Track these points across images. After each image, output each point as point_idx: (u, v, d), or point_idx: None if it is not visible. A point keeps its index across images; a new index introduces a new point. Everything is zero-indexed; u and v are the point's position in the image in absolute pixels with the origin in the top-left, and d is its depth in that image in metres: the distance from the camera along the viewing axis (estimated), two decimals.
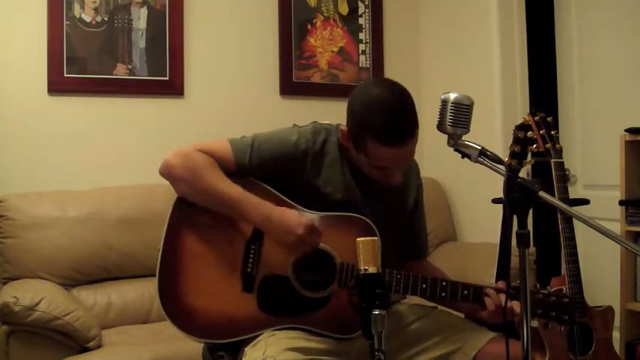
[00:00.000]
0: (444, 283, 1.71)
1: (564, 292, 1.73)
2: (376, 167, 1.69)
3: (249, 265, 1.70)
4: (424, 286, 1.71)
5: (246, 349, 1.68)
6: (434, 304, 1.88)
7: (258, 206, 1.67)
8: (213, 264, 1.71)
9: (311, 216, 1.71)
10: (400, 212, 1.89)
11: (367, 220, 1.73)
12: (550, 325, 1.87)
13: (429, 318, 1.83)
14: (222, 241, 1.71)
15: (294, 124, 1.82)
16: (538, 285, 1.72)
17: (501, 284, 1.71)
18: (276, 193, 1.74)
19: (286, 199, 1.74)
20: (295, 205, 1.74)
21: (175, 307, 1.69)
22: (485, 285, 1.73)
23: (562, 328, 1.94)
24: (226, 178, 1.69)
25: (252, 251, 1.71)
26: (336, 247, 1.71)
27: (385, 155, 1.64)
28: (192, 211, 1.72)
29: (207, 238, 1.72)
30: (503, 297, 1.64)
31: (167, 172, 1.72)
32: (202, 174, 1.68)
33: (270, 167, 1.73)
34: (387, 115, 1.60)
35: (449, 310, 1.86)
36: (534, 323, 1.86)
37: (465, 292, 1.71)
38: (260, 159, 1.72)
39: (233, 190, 1.67)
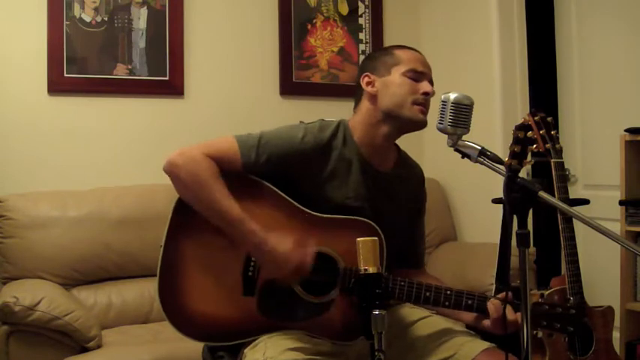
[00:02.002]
0: (448, 292, 1.70)
1: (566, 292, 1.72)
2: (408, 76, 1.76)
3: (251, 268, 1.70)
4: (428, 294, 1.70)
5: (245, 350, 1.68)
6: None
7: (252, 233, 1.66)
8: (214, 267, 1.70)
9: (306, 245, 1.68)
10: (403, 212, 1.88)
11: (372, 223, 1.72)
12: (554, 335, 1.87)
13: (426, 322, 1.82)
14: (223, 245, 1.70)
15: (301, 121, 1.82)
16: (545, 294, 1.71)
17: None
18: (280, 193, 1.73)
19: (290, 200, 1.73)
20: (300, 206, 1.73)
21: (176, 310, 1.68)
22: (490, 295, 1.72)
23: (566, 338, 1.94)
24: (228, 193, 1.68)
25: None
26: (339, 251, 1.70)
27: (411, 54, 1.81)
28: (193, 214, 1.71)
29: (209, 241, 1.71)
30: (508, 308, 1.63)
31: (171, 172, 1.70)
32: (205, 185, 1.67)
33: (276, 164, 1.72)
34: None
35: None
36: (539, 334, 1.86)
37: (469, 301, 1.69)
38: (267, 157, 1.72)
39: (231, 208, 1.66)
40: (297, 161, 1.73)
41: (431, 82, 1.79)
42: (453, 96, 1.53)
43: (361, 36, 3.75)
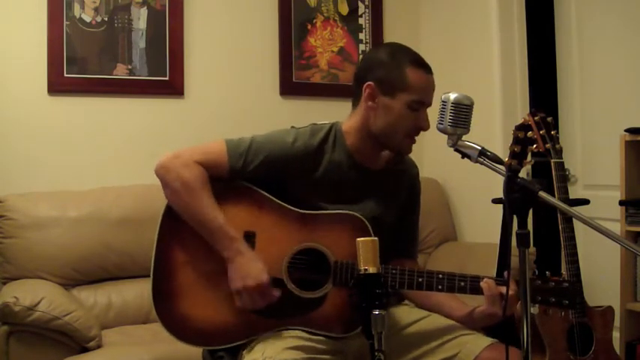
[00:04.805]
0: (440, 276, 1.71)
1: (563, 277, 1.72)
2: (411, 107, 1.72)
3: None
4: (420, 279, 1.70)
5: (244, 352, 1.68)
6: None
7: (230, 244, 1.67)
8: (207, 270, 1.71)
9: (269, 280, 1.67)
10: (398, 207, 1.89)
11: (361, 217, 1.73)
12: (550, 311, 1.87)
13: (427, 321, 1.82)
14: (213, 247, 1.71)
15: (292, 126, 1.83)
16: (536, 272, 1.71)
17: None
18: (270, 197, 1.74)
19: (280, 202, 1.74)
20: (290, 207, 1.73)
21: (171, 316, 1.69)
22: (482, 276, 1.72)
23: (563, 314, 1.94)
24: (214, 202, 1.69)
25: None
26: (329, 245, 1.71)
27: (422, 80, 1.73)
28: (183, 218, 1.72)
29: (199, 244, 1.71)
30: (501, 288, 1.64)
31: (161, 175, 1.73)
32: (191, 190, 1.68)
33: (266, 169, 1.74)
34: (412, 52, 1.78)
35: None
36: (534, 310, 1.86)
37: (462, 283, 1.70)
38: (256, 163, 1.73)
39: (214, 219, 1.68)
40: (287, 166, 1.74)
41: (429, 104, 1.77)
42: (453, 96, 1.53)
43: (361, 36, 3.75)
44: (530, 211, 1.40)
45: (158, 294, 1.70)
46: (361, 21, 3.76)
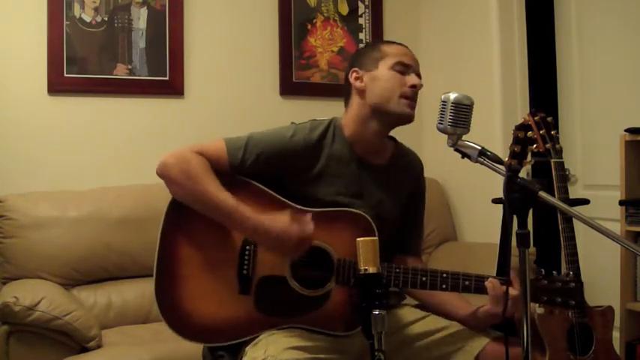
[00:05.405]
0: (445, 275, 1.71)
1: (569, 276, 1.71)
2: (396, 69, 1.78)
3: (245, 266, 1.70)
4: (424, 279, 1.71)
5: (246, 348, 1.68)
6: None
7: (247, 219, 1.66)
8: (209, 268, 1.71)
9: (302, 217, 1.68)
10: (402, 203, 1.89)
11: (364, 214, 1.73)
12: (556, 311, 1.86)
13: (429, 319, 1.83)
14: (217, 244, 1.71)
15: (292, 122, 1.84)
16: (543, 271, 1.71)
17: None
18: (270, 192, 1.74)
19: (281, 198, 1.74)
20: (290, 203, 1.74)
21: (174, 313, 1.69)
22: (487, 275, 1.72)
23: (570, 313, 1.94)
24: (220, 184, 1.69)
25: (247, 253, 1.71)
26: (332, 244, 1.72)
27: (397, 50, 1.82)
28: (186, 215, 1.72)
29: (202, 241, 1.72)
30: (504, 287, 1.64)
31: (163, 173, 1.72)
32: (197, 179, 1.68)
33: (265, 164, 1.74)
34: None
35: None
36: (540, 310, 1.86)
37: (467, 282, 1.70)
38: (255, 157, 1.73)
39: (225, 199, 1.67)
40: (286, 160, 1.75)
41: (418, 76, 1.80)
42: (453, 96, 1.53)
43: (361, 36, 3.75)
44: (530, 211, 1.40)
45: (161, 291, 1.70)
46: (361, 21, 3.76)
